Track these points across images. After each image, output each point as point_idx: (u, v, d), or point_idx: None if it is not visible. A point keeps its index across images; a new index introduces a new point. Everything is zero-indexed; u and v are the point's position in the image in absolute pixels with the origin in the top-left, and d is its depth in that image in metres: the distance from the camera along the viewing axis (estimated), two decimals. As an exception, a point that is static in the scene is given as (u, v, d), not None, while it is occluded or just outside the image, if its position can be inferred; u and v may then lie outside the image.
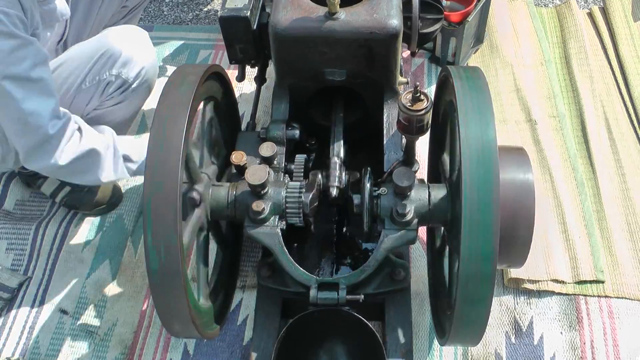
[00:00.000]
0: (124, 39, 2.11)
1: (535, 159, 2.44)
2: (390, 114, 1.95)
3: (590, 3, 3.14)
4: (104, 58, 2.07)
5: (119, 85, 2.12)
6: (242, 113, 2.52)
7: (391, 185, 1.67)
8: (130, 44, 2.11)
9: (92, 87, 2.09)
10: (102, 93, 2.12)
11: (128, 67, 2.10)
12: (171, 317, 1.55)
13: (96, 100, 2.13)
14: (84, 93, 2.10)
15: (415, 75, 2.81)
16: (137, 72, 2.12)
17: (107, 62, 2.07)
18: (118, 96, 2.15)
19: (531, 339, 2.03)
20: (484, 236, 1.40)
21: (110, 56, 2.07)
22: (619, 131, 2.54)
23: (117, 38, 2.10)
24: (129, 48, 2.09)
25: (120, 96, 2.15)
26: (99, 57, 2.06)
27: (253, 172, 1.66)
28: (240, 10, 1.91)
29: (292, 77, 1.96)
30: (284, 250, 1.68)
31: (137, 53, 2.12)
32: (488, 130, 1.45)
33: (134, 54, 2.10)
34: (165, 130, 1.49)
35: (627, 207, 2.32)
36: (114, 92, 2.13)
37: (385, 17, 1.77)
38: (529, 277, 2.11)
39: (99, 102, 2.14)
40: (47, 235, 2.36)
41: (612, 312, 2.08)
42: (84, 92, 2.10)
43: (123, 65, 2.09)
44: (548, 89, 2.69)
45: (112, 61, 2.07)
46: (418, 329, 2.06)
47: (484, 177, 1.41)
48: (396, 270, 1.81)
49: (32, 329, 2.14)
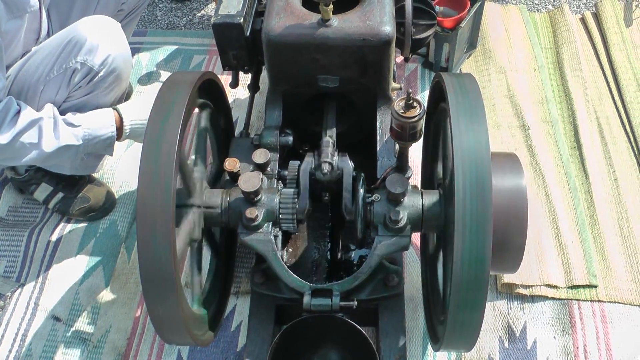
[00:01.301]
0: (91, 26, 2.05)
1: (528, 164, 2.45)
2: (383, 120, 1.95)
3: (583, 8, 3.15)
4: (70, 45, 2.02)
5: (85, 73, 2.05)
6: (235, 119, 2.53)
7: (384, 192, 1.67)
8: (97, 32, 2.05)
9: (59, 76, 2.04)
10: (69, 82, 2.06)
11: (93, 55, 2.03)
12: (164, 324, 1.54)
13: (64, 90, 2.07)
14: (52, 83, 2.05)
15: (408, 81, 2.82)
16: (102, 59, 2.05)
17: (72, 50, 2.02)
18: (85, 86, 2.08)
19: (524, 344, 2.04)
20: (477, 242, 1.40)
21: (76, 43, 2.01)
22: (611, 136, 2.55)
23: (84, 26, 2.04)
24: (95, 35, 2.03)
25: (87, 86, 2.09)
26: (66, 45, 2.02)
27: (246, 179, 1.66)
28: (233, 17, 1.91)
29: (285, 83, 1.96)
30: (278, 256, 1.68)
31: (104, 40, 2.05)
32: (481, 136, 1.45)
33: (100, 42, 2.04)
34: (159, 137, 1.49)
35: (619, 212, 2.32)
36: (80, 81, 2.06)
37: (378, 23, 1.77)
38: (522, 282, 2.12)
39: (67, 92, 2.08)
40: (40, 241, 2.36)
41: (605, 316, 2.08)
42: (52, 82, 2.05)
43: (88, 53, 2.02)
44: (541, 94, 2.70)
45: (78, 48, 2.01)
46: (412, 334, 2.06)
47: (477, 184, 1.41)
48: (390, 276, 1.80)
49: (25, 336, 2.14)
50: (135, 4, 2.49)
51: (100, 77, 2.07)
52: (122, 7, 2.44)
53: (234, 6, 1.93)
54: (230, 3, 1.94)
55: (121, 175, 2.56)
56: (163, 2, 3.38)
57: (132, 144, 2.63)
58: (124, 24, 2.54)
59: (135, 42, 3.03)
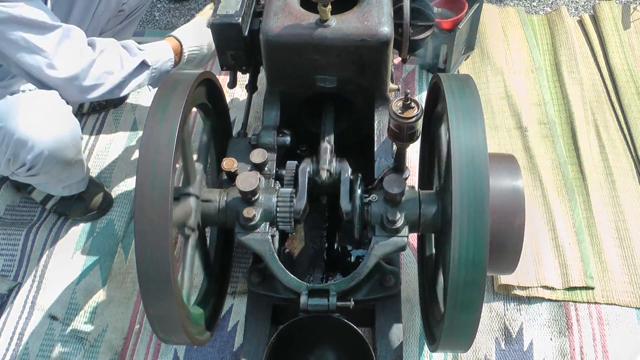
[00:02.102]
0: (24, 112, 1.89)
1: (525, 165, 2.45)
2: (381, 121, 1.96)
3: (581, 11, 3.16)
4: (1, 134, 1.89)
5: (20, 164, 1.95)
6: (233, 119, 2.53)
7: (382, 192, 1.67)
8: (28, 122, 1.89)
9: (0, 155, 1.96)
10: (8, 165, 1.98)
11: (24, 150, 1.90)
12: (161, 323, 1.54)
13: (5, 169, 2.01)
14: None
15: (406, 82, 2.83)
16: (34, 155, 1.92)
17: (3, 140, 1.90)
18: (25, 172, 1.99)
19: (521, 345, 2.04)
20: (474, 243, 1.40)
21: (5, 134, 1.89)
22: (608, 138, 2.56)
23: (17, 110, 1.89)
24: (25, 127, 1.88)
25: (28, 172, 1.99)
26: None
27: (244, 179, 1.66)
28: (231, 17, 1.91)
29: (283, 83, 1.96)
30: (275, 256, 1.68)
31: (35, 134, 1.89)
32: (478, 137, 1.46)
33: (30, 136, 1.88)
34: (157, 137, 1.49)
35: (616, 214, 2.33)
36: (19, 169, 1.98)
37: (376, 24, 1.78)
38: (519, 284, 2.12)
39: (10, 172, 2.03)
40: (38, 240, 2.36)
41: (602, 318, 2.09)
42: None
43: (17, 147, 1.90)
44: (538, 96, 2.71)
45: (7, 141, 1.89)
46: (408, 335, 2.06)
47: (474, 185, 1.41)
48: (386, 277, 1.81)
49: (22, 335, 2.14)
50: (136, 4, 2.49)
51: (38, 168, 1.97)
52: (122, 8, 2.45)
53: (232, 6, 1.94)
54: (228, 3, 1.95)
55: (118, 175, 2.56)
56: (161, 3, 3.39)
57: (131, 143, 2.64)
58: (124, 24, 2.54)
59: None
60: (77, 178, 2.25)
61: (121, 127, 2.76)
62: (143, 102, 2.82)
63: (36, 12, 1.83)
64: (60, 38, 1.90)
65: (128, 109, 2.83)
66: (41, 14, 1.85)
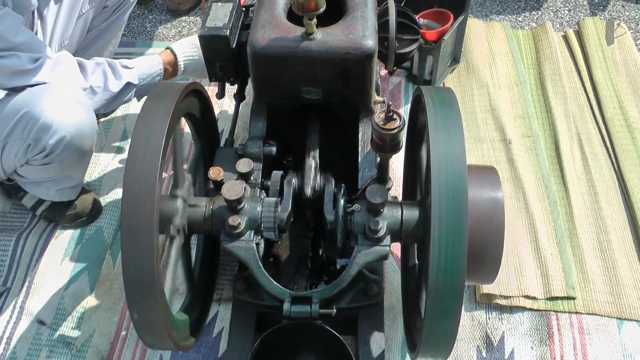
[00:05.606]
0: (50, 101, 1.98)
1: (509, 177, 2.48)
2: (365, 132, 1.97)
3: (566, 26, 3.21)
4: (26, 118, 1.97)
5: (40, 149, 2.02)
6: (221, 130, 2.55)
7: (364, 202, 1.69)
8: (53, 107, 1.97)
9: (17, 142, 2.03)
10: (25, 152, 2.05)
11: (47, 134, 1.98)
12: (147, 328, 1.55)
13: (22, 157, 2.07)
14: (10, 145, 2.06)
15: (392, 94, 2.86)
16: (56, 140, 2.00)
17: (27, 124, 1.98)
18: (42, 159, 2.07)
19: (502, 354, 2.06)
20: (452, 253, 1.42)
21: (30, 118, 1.97)
22: (591, 151, 2.60)
23: (43, 99, 1.97)
24: (50, 113, 1.97)
25: (45, 159, 2.07)
26: (22, 116, 1.97)
27: (229, 188, 1.68)
28: (220, 29, 1.94)
29: (269, 94, 1.98)
30: (259, 264, 1.69)
31: (59, 119, 1.98)
32: (457, 149, 1.48)
33: (54, 120, 1.97)
34: (144, 146, 1.50)
35: (598, 226, 2.36)
36: (36, 155, 2.05)
37: (360, 37, 1.80)
38: (501, 293, 2.15)
39: (25, 159, 2.09)
40: (27, 246, 2.38)
41: (583, 327, 2.12)
42: (11, 145, 2.05)
43: (40, 131, 1.98)
44: (523, 109, 2.74)
45: (32, 124, 1.97)
46: (390, 343, 2.09)
47: (453, 195, 1.43)
48: (369, 286, 1.82)
49: (10, 340, 2.15)
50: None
51: (57, 154, 2.05)
52: (106, 4, 2.47)
53: (220, 19, 1.97)
54: (217, 15, 1.97)
55: (107, 183, 2.59)
56: (153, 14, 3.42)
57: (121, 152, 2.66)
58: (109, 22, 2.55)
59: (124, 52, 3.06)
60: (74, 182, 2.30)
61: (111, 136, 2.78)
62: (133, 112, 2.84)
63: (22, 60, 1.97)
64: (52, 66, 2.02)
65: (118, 118, 2.86)
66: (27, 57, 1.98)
